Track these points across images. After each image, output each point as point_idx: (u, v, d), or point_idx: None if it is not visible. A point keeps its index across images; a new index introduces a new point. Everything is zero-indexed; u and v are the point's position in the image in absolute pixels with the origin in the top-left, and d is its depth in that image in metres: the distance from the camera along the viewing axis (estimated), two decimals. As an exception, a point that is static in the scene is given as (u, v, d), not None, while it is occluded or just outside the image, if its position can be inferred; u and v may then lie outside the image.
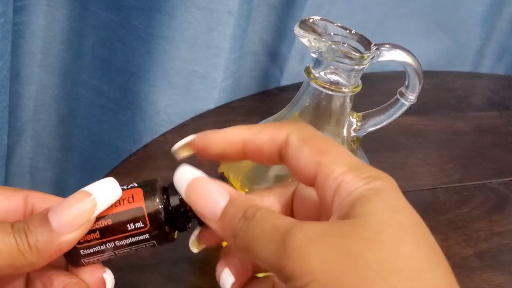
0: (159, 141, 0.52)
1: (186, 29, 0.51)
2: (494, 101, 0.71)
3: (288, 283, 0.20)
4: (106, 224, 0.24)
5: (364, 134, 0.38)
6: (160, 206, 0.25)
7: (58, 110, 0.61)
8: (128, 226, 0.25)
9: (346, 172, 0.22)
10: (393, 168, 0.50)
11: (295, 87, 0.36)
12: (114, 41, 0.54)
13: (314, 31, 0.32)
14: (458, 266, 0.44)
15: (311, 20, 0.33)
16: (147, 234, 0.25)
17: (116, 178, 0.25)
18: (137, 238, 0.25)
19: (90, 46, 0.55)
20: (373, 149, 0.42)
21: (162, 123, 0.56)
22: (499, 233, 0.49)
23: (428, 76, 0.43)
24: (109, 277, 0.26)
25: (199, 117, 0.57)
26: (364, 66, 0.33)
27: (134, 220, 0.25)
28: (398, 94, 0.37)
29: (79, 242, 0.24)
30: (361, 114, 0.38)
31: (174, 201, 0.25)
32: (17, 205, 0.26)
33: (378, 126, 0.38)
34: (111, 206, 0.25)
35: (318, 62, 0.33)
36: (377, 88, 0.53)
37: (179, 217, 0.25)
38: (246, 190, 0.36)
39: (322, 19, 0.33)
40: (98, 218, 0.24)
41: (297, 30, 0.32)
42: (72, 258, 0.25)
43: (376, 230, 0.20)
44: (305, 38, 0.32)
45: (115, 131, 0.60)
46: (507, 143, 0.62)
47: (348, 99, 0.35)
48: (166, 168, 0.48)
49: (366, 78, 0.35)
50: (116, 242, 0.25)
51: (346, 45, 0.33)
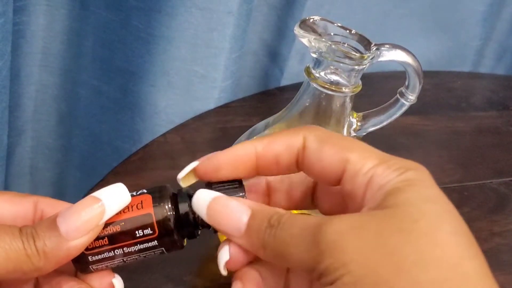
0: (159, 141, 0.52)
1: (186, 29, 0.51)
2: (494, 101, 0.71)
3: (322, 279, 0.20)
4: (114, 230, 0.24)
5: (364, 134, 0.38)
6: (169, 213, 0.25)
7: (58, 110, 0.61)
8: (136, 232, 0.24)
9: (376, 165, 0.22)
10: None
11: (295, 87, 0.36)
12: (114, 41, 0.54)
13: (314, 31, 0.32)
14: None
15: (311, 20, 0.33)
16: (156, 241, 0.25)
17: (116, 178, 0.25)
18: (145, 245, 0.25)
19: (90, 46, 0.55)
20: (373, 149, 0.42)
21: (162, 123, 0.56)
22: (499, 233, 0.49)
23: (428, 76, 0.43)
24: (118, 282, 0.26)
25: (199, 117, 0.56)
26: (364, 66, 0.33)
27: (143, 226, 0.24)
28: (398, 94, 0.37)
29: (88, 248, 0.24)
30: (361, 114, 0.38)
31: (183, 208, 0.25)
32: (26, 211, 0.26)
33: (378, 126, 0.38)
34: (120, 212, 0.24)
35: (318, 62, 0.33)
36: (377, 88, 0.53)
37: (188, 224, 0.25)
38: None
39: (322, 19, 0.33)
40: (107, 224, 0.24)
41: (297, 30, 0.32)
42: (80, 265, 0.25)
43: (411, 219, 0.20)
44: (305, 38, 0.32)
45: (115, 131, 0.60)
46: (507, 143, 0.62)
47: (348, 99, 0.35)
48: (166, 168, 0.48)
49: (366, 78, 0.35)
50: (124, 248, 0.25)
51: (346, 45, 0.33)
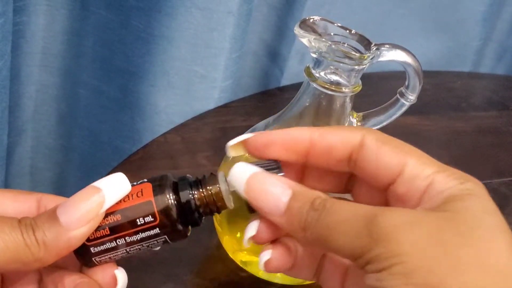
0: (159, 141, 0.52)
1: (186, 29, 0.51)
2: (494, 101, 0.71)
3: (368, 266, 0.20)
4: (115, 219, 0.24)
5: (364, 134, 0.38)
6: (169, 200, 0.25)
7: (58, 110, 0.61)
8: (137, 220, 0.24)
9: (436, 172, 0.23)
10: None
11: (295, 87, 0.36)
12: (114, 41, 0.54)
13: (314, 31, 0.32)
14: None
15: (311, 20, 0.33)
16: (158, 229, 0.25)
17: (116, 178, 0.24)
18: (147, 233, 0.25)
19: (90, 46, 0.55)
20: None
21: (162, 123, 0.56)
22: (499, 233, 0.49)
23: (428, 76, 0.43)
24: (121, 273, 0.26)
25: (199, 117, 0.56)
26: (364, 66, 0.33)
27: (144, 214, 0.24)
28: (398, 94, 0.37)
29: (89, 240, 0.24)
30: (361, 114, 0.38)
31: (184, 195, 0.25)
32: (30, 208, 0.26)
33: (378, 126, 0.38)
34: (120, 202, 0.24)
35: (318, 62, 0.33)
36: (377, 88, 0.53)
37: (190, 211, 0.25)
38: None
39: (322, 19, 0.33)
40: (107, 214, 0.24)
41: (297, 30, 0.32)
42: (83, 258, 0.25)
43: (470, 226, 0.20)
44: (305, 38, 0.32)
45: (115, 131, 0.60)
46: (507, 143, 0.62)
47: (348, 99, 0.34)
48: (166, 168, 0.48)
49: (366, 78, 0.35)
50: (126, 238, 0.25)
51: (346, 45, 0.33)
